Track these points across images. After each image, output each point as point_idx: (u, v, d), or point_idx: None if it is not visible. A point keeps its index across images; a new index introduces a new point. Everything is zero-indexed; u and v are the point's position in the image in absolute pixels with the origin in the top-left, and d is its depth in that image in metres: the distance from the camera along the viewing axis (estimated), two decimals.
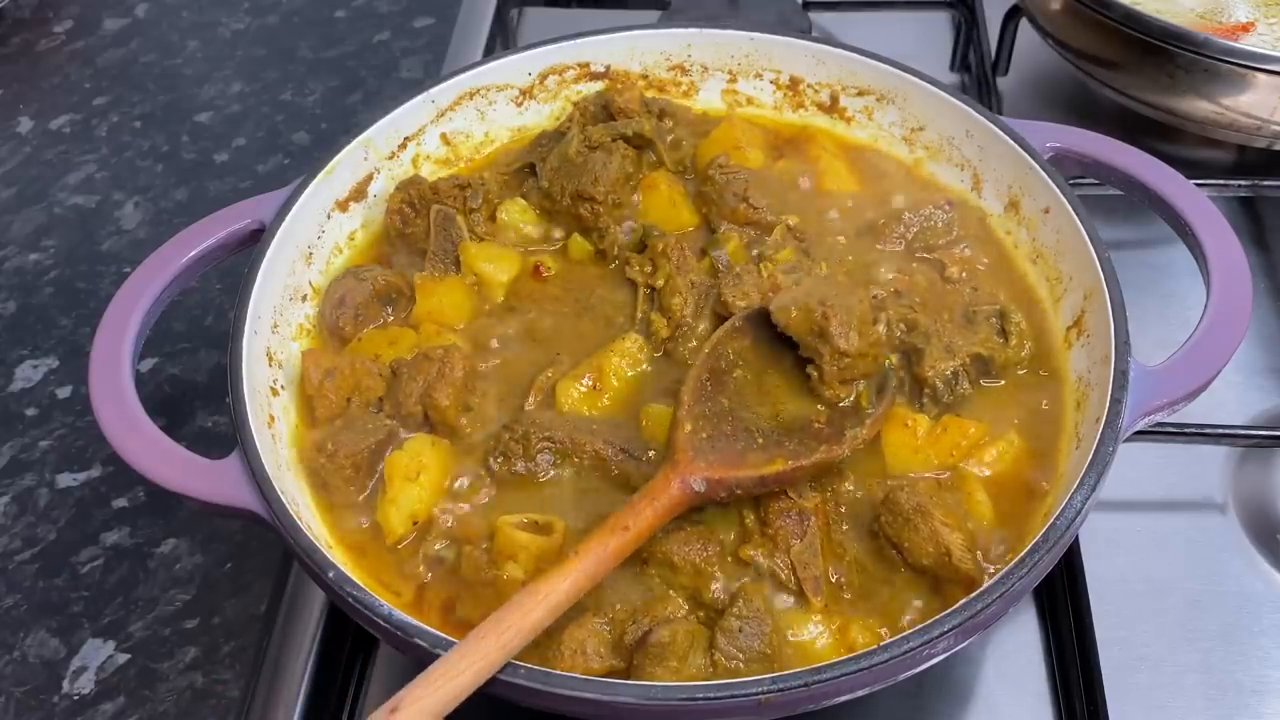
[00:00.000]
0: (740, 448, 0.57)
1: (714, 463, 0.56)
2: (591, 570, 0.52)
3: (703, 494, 0.55)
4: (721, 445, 0.57)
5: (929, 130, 0.76)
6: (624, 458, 0.60)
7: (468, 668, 0.48)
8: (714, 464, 0.56)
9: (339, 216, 0.72)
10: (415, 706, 0.47)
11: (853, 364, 0.59)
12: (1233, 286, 0.63)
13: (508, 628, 0.50)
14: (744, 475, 0.56)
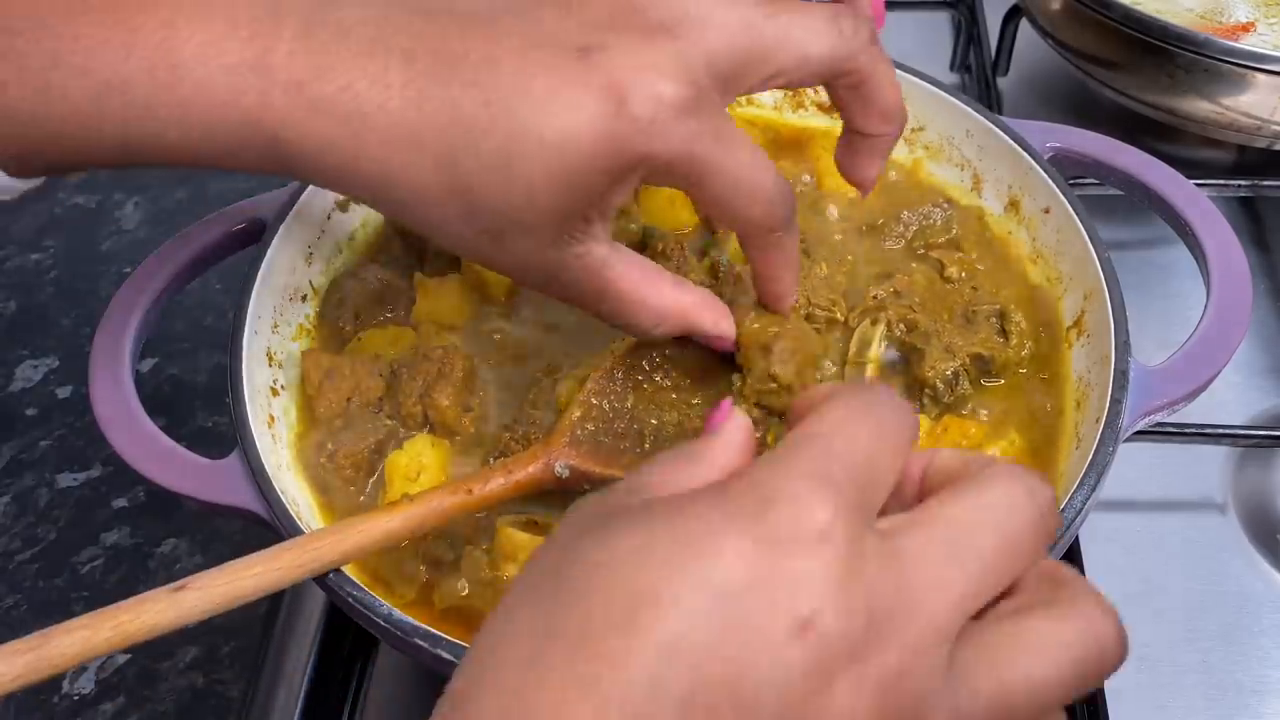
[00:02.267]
0: (623, 447, 0.57)
1: (586, 454, 0.56)
2: (418, 520, 0.52)
3: (564, 480, 0.55)
4: (604, 440, 0.57)
5: (929, 130, 0.76)
6: None
7: (259, 574, 0.48)
8: (585, 455, 0.56)
9: (339, 216, 0.72)
10: (198, 589, 0.47)
11: (776, 393, 0.58)
12: (1233, 287, 0.63)
13: (312, 549, 0.50)
14: (609, 473, 0.55)
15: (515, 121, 0.45)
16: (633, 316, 0.53)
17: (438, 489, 0.53)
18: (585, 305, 0.53)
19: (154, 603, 0.46)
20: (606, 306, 0.52)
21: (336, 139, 0.46)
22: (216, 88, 0.47)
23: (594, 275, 0.51)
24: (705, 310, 0.55)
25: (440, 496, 0.53)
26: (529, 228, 0.48)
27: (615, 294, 0.52)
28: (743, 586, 0.30)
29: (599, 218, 0.49)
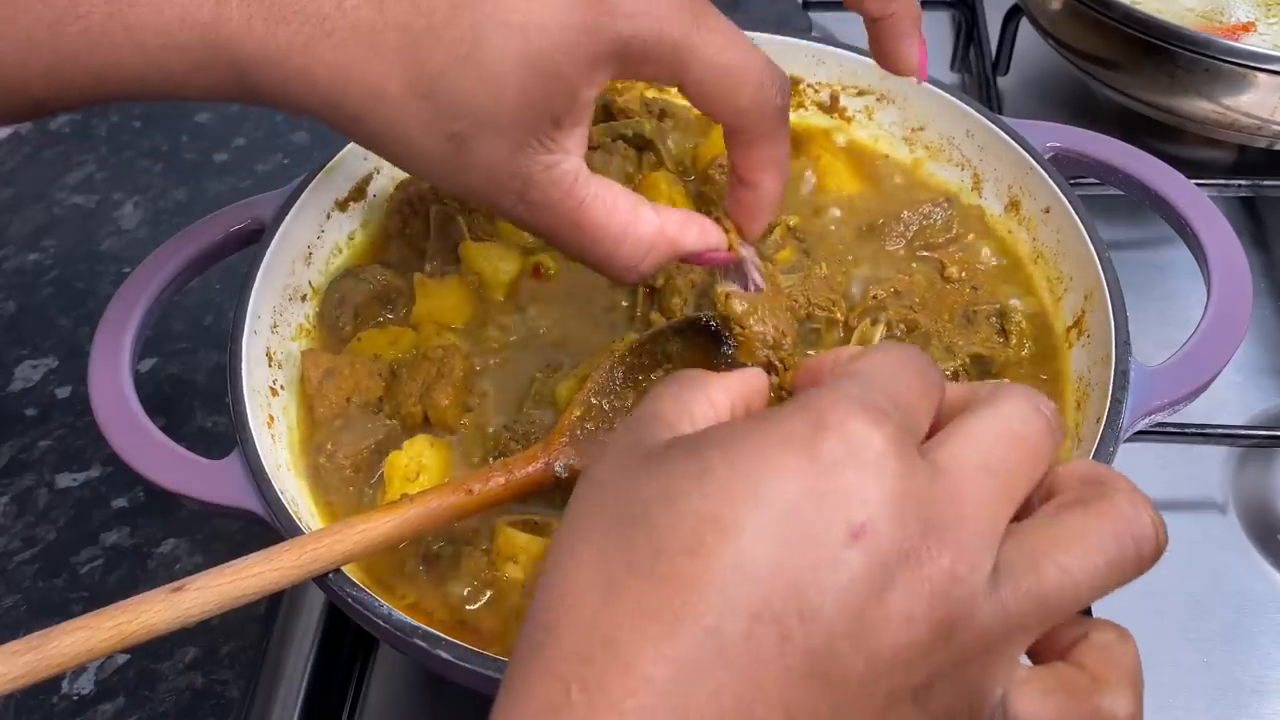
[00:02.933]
0: None
1: (586, 453, 0.55)
2: (419, 521, 0.52)
3: (563, 480, 0.55)
4: (604, 439, 0.56)
5: (929, 130, 0.76)
6: None
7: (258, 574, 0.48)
8: (585, 454, 0.55)
9: (339, 216, 0.72)
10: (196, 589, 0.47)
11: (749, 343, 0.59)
12: (1233, 286, 0.63)
13: (311, 550, 0.50)
14: None
15: (481, 8, 0.44)
16: (615, 249, 0.50)
17: (438, 489, 0.53)
18: (562, 238, 0.50)
19: (153, 603, 0.46)
20: (586, 238, 0.50)
21: (293, 44, 0.45)
22: (171, 6, 0.46)
23: (567, 195, 0.48)
24: (690, 227, 0.53)
25: (440, 496, 0.53)
26: (495, 126, 0.46)
27: (593, 223, 0.49)
28: (801, 503, 0.32)
29: (570, 122, 0.47)
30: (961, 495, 0.34)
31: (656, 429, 0.37)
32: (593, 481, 0.37)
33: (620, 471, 0.36)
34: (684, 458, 0.34)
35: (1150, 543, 0.36)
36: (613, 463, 0.36)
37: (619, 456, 0.36)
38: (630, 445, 0.37)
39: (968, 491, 0.34)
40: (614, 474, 0.36)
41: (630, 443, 0.37)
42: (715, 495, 0.32)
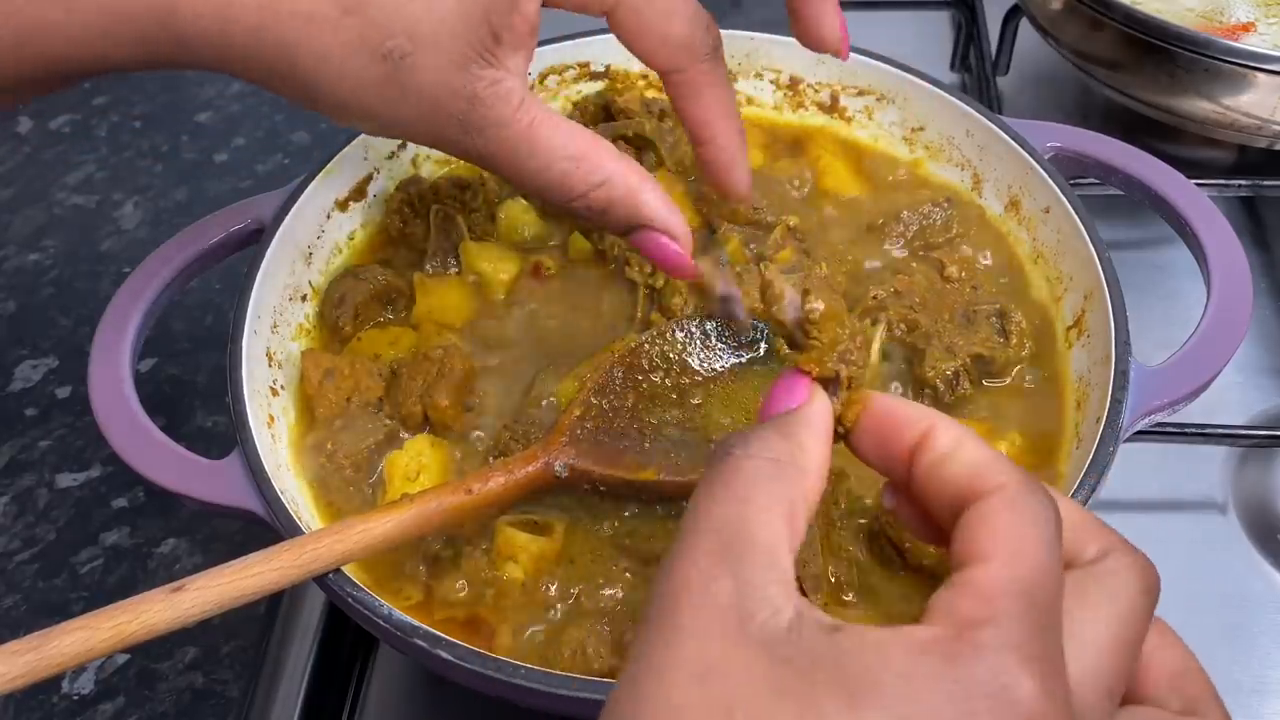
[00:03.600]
0: (623, 446, 0.56)
1: (585, 453, 0.55)
2: (419, 521, 0.51)
3: (563, 479, 0.55)
4: (604, 439, 0.56)
5: (929, 130, 0.76)
6: None
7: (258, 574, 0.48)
8: (585, 454, 0.55)
9: (339, 216, 0.72)
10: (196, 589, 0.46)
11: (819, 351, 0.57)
12: (1233, 286, 0.63)
13: (311, 549, 0.49)
14: (609, 474, 0.55)
15: None
16: (571, 169, 0.48)
17: (438, 489, 0.53)
18: (511, 162, 0.48)
19: (153, 603, 0.46)
20: (539, 159, 0.47)
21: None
22: None
23: (516, 112, 0.46)
24: (653, 187, 0.50)
25: (440, 496, 0.53)
26: (433, 41, 0.44)
27: (546, 142, 0.47)
28: None
29: (511, 40, 0.46)
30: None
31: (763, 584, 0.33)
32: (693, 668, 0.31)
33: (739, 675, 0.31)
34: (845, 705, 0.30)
35: None
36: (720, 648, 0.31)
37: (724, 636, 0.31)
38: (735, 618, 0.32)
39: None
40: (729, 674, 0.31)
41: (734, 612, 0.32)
42: None
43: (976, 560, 0.33)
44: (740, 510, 0.34)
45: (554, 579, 0.56)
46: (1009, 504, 0.34)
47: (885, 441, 0.39)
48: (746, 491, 0.35)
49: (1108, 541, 0.36)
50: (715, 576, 0.32)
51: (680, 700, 0.31)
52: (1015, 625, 0.31)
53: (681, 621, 0.32)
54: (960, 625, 0.31)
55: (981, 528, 0.34)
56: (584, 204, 0.49)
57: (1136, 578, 0.36)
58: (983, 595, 0.32)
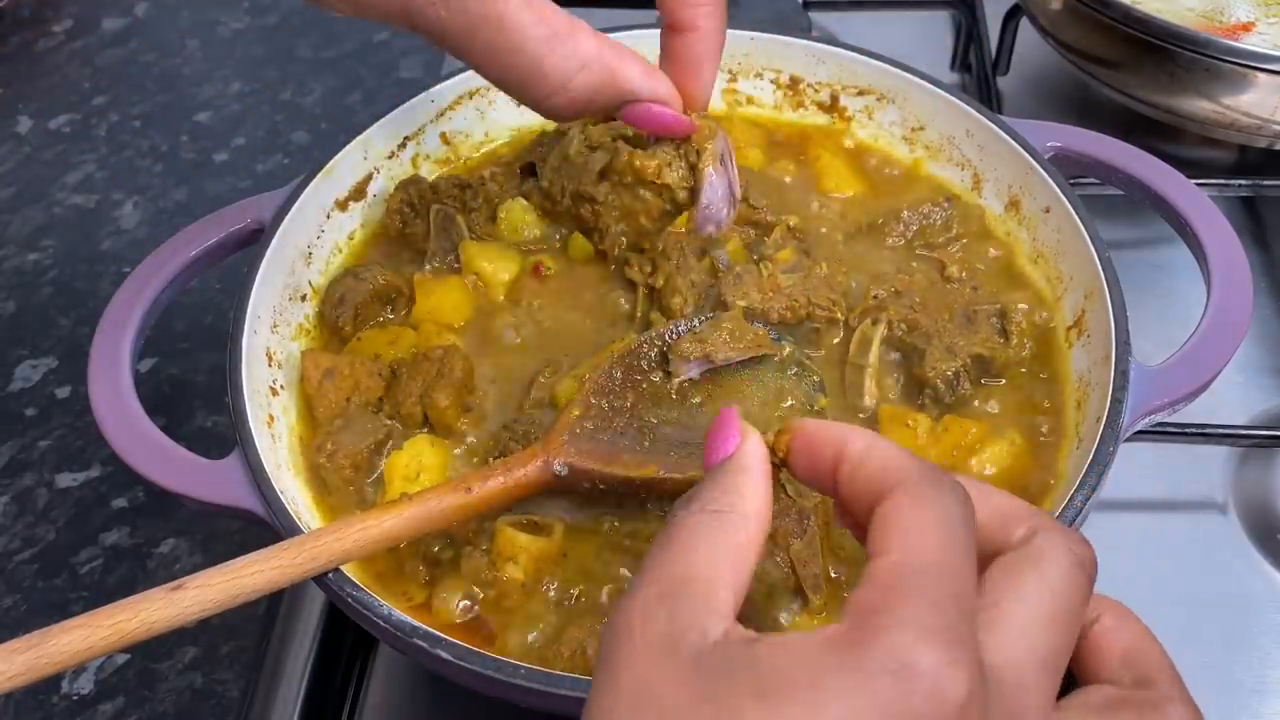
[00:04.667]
0: (623, 444, 0.56)
1: (585, 452, 0.55)
2: (418, 520, 0.51)
3: (563, 478, 0.54)
4: (602, 438, 0.56)
5: (929, 130, 0.76)
6: None
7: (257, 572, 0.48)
8: (584, 453, 0.55)
9: (338, 216, 0.72)
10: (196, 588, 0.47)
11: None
12: (1233, 286, 0.63)
13: (311, 549, 0.49)
14: (609, 471, 0.55)
15: None
16: (543, 56, 0.45)
17: (437, 488, 0.53)
18: (482, 41, 0.45)
19: (152, 602, 0.46)
20: (510, 39, 0.45)
21: None
22: None
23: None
24: (634, 63, 0.47)
25: (440, 495, 0.53)
26: None
27: (517, 22, 0.44)
28: None
29: None
30: (1023, 707, 0.33)
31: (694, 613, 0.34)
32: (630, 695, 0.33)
33: (667, 691, 0.32)
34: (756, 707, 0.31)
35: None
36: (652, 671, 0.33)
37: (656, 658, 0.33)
38: (667, 642, 0.34)
39: (1028, 701, 0.33)
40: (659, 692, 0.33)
41: (665, 637, 0.34)
42: None
43: (879, 554, 0.34)
44: (685, 559, 0.36)
45: (554, 579, 0.56)
46: (908, 496, 0.35)
47: (813, 462, 0.40)
48: (690, 544, 0.37)
49: (1036, 523, 0.37)
50: (652, 614, 0.34)
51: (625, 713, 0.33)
52: (911, 606, 0.32)
53: (620, 657, 0.34)
54: (861, 616, 0.32)
55: (884, 523, 0.35)
56: (565, 98, 0.47)
57: (1065, 554, 0.36)
58: (879, 584, 0.33)
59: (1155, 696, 0.36)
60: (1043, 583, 0.35)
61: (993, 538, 0.37)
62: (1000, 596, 0.35)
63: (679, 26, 0.50)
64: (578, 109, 0.48)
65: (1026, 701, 0.33)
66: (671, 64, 0.51)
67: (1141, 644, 0.38)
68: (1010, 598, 0.35)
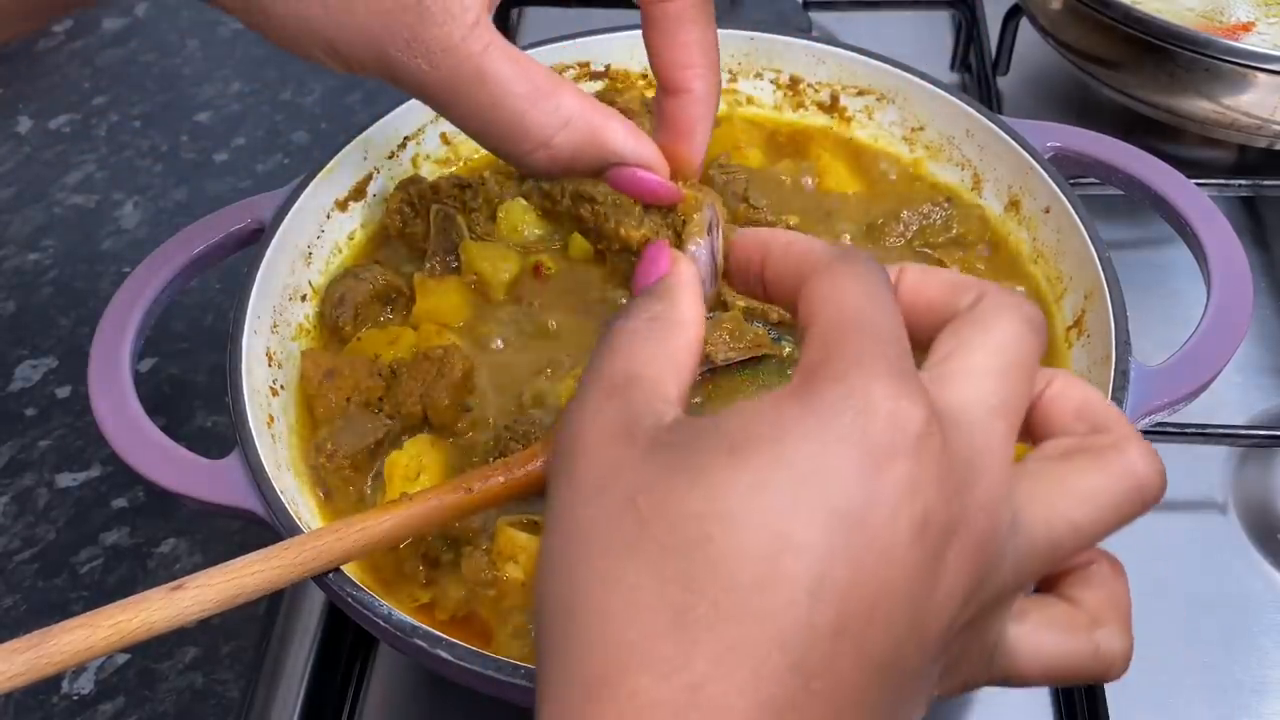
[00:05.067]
0: None
1: None
2: (419, 520, 0.51)
3: None
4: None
5: (929, 129, 0.76)
6: None
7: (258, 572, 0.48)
8: None
9: (338, 216, 0.72)
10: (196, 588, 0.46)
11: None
12: (1233, 286, 0.63)
13: (311, 549, 0.49)
14: None
15: None
16: (526, 110, 0.44)
17: (437, 488, 0.53)
18: (462, 94, 0.45)
19: (153, 602, 0.46)
20: (492, 92, 0.44)
21: None
22: None
23: (469, 34, 0.44)
24: (618, 123, 0.47)
25: (440, 495, 0.52)
26: None
27: (498, 75, 0.44)
28: (867, 508, 0.31)
29: None
30: (981, 447, 0.33)
31: (646, 401, 0.35)
32: (591, 482, 0.33)
33: (631, 470, 0.33)
34: (727, 469, 0.31)
35: (1156, 493, 0.36)
36: (611, 455, 0.34)
37: (614, 445, 0.34)
38: (621, 429, 0.34)
39: (985, 443, 0.34)
40: (623, 472, 0.33)
41: (620, 425, 0.34)
42: (782, 511, 0.30)
43: (809, 324, 0.35)
44: (623, 361, 0.37)
45: None
46: (824, 271, 0.36)
47: (743, 268, 0.42)
48: (631, 347, 0.37)
49: (983, 288, 0.38)
50: (602, 409, 0.35)
51: (586, 515, 0.33)
52: (853, 352, 0.33)
53: (574, 449, 0.34)
54: (808, 371, 0.33)
55: (807, 300, 0.36)
56: (547, 155, 0.46)
57: (1012, 311, 0.36)
58: (817, 344, 0.34)
59: (1112, 438, 0.37)
60: (987, 337, 0.36)
61: (942, 308, 0.38)
62: (948, 353, 0.36)
63: (671, 88, 0.50)
64: (560, 167, 0.47)
65: (981, 440, 0.34)
66: (664, 127, 0.51)
67: (1093, 398, 0.38)
68: (958, 353, 0.36)
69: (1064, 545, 0.35)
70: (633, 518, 0.32)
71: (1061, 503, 0.35)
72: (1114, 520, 0.36)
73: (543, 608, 0.34)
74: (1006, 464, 0.34)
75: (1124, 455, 0.36)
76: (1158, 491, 0.36)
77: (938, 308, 0.38)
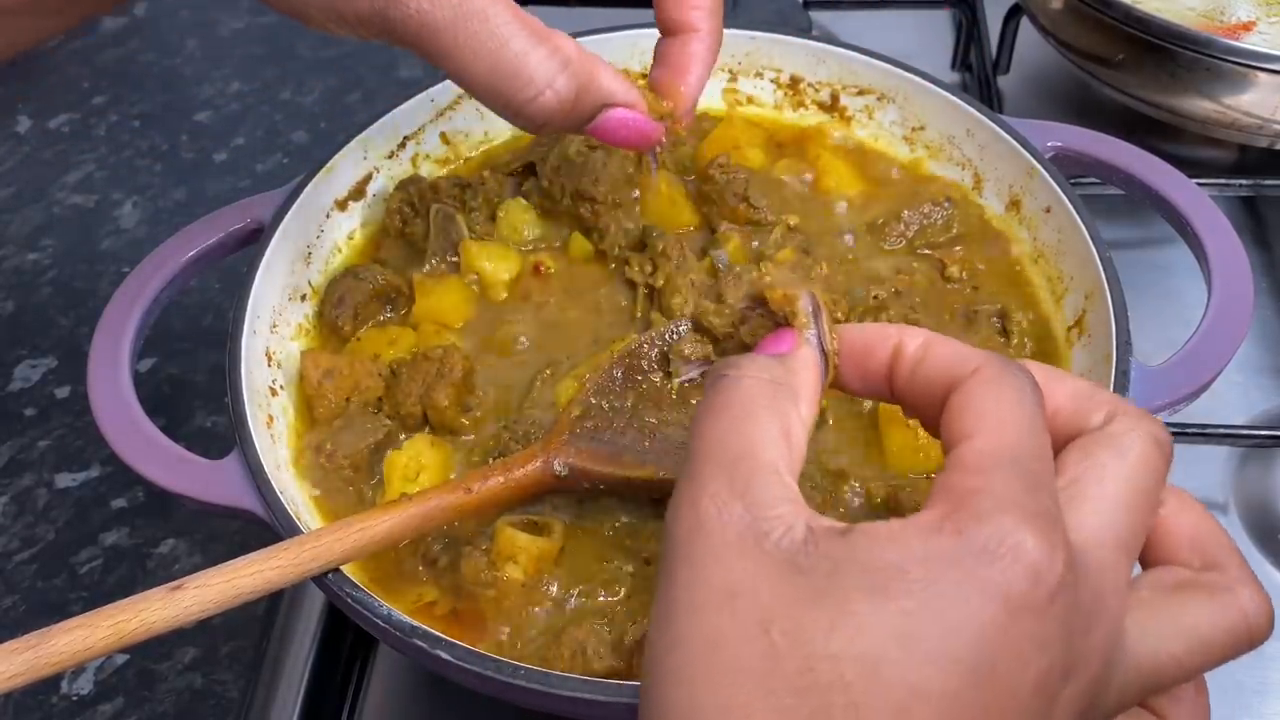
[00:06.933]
0: (623, 445, 0.56)
1: (584, 452, 0.55)
2: (418, 520, 0.51)
3: (563, 478, 0.54)
4: (603, 439, 0.56)
5: (929, 129, 0.76)
6: None
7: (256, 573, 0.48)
8: (584, 453, 0.55)
9: (338, 216, 0.72)
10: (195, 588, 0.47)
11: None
12: (1234, 286, 0.63)
13: (310, 549, 0.49)
14: (609, 472, 0.55)
15: None
16: (527, 52, 0.44)
17: (437, 488, 0.53)
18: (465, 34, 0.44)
19: (152, 602, 0.46)
20: (495, 34, 0.44)
21: None
22: None
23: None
24: (608, 69, 0.46)
25: (439, 496, 0.52)
26: None
27: (500, 17, 0.43)
28: (999, 660, 0.30)
29: None
30: (1105, 589, 0.33)
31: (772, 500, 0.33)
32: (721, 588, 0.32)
33: (766, 590, 0.31)
34: (870, 601, 0.30)
35: (1264, 636, 0.36)
36: (743, 567, 0.32)
37: (744, 554, 0.32)
38: (751, 535, 0.32)
39: (1111, 582, 0.33)
40: (757, 591, 0.31)
41: (749, 529, 0.32)
42: (921, 661, 0.30)
43: (962, 439, 0.34)
44: (741, 428, 0.35)
45: (554, 579, 0.56)
46: (986, 383, 0.35)
47: (864, 366, 0.40)
48: (745, 409, 0.36)
49: (1114, 406, 0.37)
50: (726, 502, 0.33)
51: (714, 626, 0.31)
52: (1007, 487, 0.32)
53: (699, 550, 0.33)
54: (955, 500, 0.32)
55: (963, 410, 0.35)
56: (553, 97, 0.45)
57: (1143, 435, 0.36)
58: (969, 467, 0.33)
59: (1226, 580, 0.36)
60: (1122, 463, 0.35)
61: (1070, 421, 0.37)
62: (1079, 475, 0.35)
63: (675, 28, 0.50)
64: (559, 114, 0.46)
65: (1108, 581, 0.33)
66: (662, 65, 0.51)
67: (1208, 527, 0.38)
68: (1089, 478, 0.35)
69: (1166, 677, 0.35)
70: (765, 646, 0.31)
71: (1171, 639, 0.35)
72: (1218, 659, 0.36)
73: (654, 715, 0.32)
74: (1125, 601, 0.34)
75: (1238, 599, 0.36)
76: (1265, 634, 0.36)
77: (1064, 419, 0.37)
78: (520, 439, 0.60)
